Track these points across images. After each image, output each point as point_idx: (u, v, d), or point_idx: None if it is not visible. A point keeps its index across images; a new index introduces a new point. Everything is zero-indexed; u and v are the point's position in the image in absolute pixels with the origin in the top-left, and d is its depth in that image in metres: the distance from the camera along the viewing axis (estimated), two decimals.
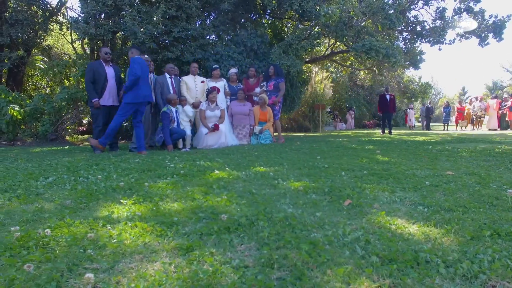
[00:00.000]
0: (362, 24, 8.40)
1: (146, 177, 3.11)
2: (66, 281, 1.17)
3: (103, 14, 8.65)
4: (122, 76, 6.90)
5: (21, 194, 2.44)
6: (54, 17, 10.08)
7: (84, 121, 12.12)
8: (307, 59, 11.25)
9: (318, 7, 8.40)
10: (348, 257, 1.31)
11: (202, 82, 6.94)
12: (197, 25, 8.98)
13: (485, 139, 7.10)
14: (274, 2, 8.84)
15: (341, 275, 1.16)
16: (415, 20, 9.58)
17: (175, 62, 8.19)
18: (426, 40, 9.46)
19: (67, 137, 9.66)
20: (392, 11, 7.91)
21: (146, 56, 6.43)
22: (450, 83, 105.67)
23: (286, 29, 11.06)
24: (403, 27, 8.84)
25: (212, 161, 4.08)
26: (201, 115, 6.53)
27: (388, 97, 10.48)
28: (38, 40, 9.82)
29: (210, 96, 6.54)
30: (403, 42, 10.36)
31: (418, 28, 9.59)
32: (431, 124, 15.82)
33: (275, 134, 7.63)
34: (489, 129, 12.65)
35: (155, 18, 8.36)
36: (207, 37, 9.20)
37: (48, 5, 9.94)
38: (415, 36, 9.76)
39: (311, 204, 2.08)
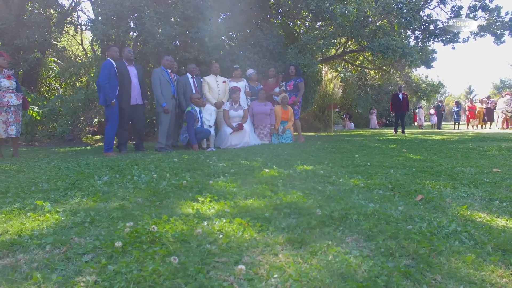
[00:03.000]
0: (378, 24, 8.47)
1: (198, 176, 3.17)
2: (207, 273, 1.24)
3: (116, 15, 8.67)
4: None
5: (91, 192, 2.50)
6: (69, 19, 10.11)
7: (94, 121, 12.16)
8: (318, 59, 11.32)
9: (332, 7, 8.46)
10: (461, 247, 1.38)
11: (224, 82, 7.00)
12: (213, 25, 9.04)
13: (503, 137, 7.18)
14: (289, 2, 8.91)
15: (469, 262, 1.23)
16: (428, 19, 9.68)
17: (192, 63, 8.24)
18: (439, 39, 9.56)
19: (83, 138, 9.71)
20: (405, 10, 7.98)
21: (169, 57, 6.50)
22: (456, 82, 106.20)
23: (298, 29, 11.12)
24: (415, 26, 8.91)
25: (250, 160, 4.14)
26: (224, 115, 6.59)
27: (401, 96, 10.58)
28: (53, 42, 9.86)
29: (234, 96, 6.60)
30: (415, 41, 10.46)
31: (431, 27, 9.68)
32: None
33: (294, 133, 7.69)
34: (499, 128, 12.77)
35: (172, 19, 8.42)
36: (223, 38, 9.26)
37: (63, 8, 9.98)
38: (427, 35, 9.85)
39: (385, 199, 2.15)
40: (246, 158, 4.32)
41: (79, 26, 10.48)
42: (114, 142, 6.01)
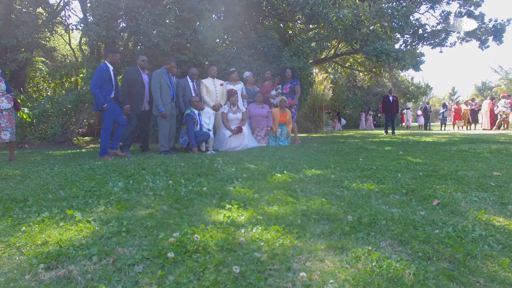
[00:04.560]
0: (371, 28, 8.69)
1: (211, 181, 3.21)
2: (265, 279, 1.30)
3: (110, 16, 8.54)
4: None
5: (113, 200, 2.51)
6: (58, 18, 9.90)
7: (84, 122, 11.93)
8: (311, 61, 11.48)
9: (325, 10, 8.61)
10: (492, 251, 1.50)
11: (221, 85, 7.03)
12: (209, 27, 9.04)
13: (490, 139, 7.49)
14: (284, 5, 9.01)
15: (505, 266, 1.34)
16: (416, 23, 10.00)
17: (187, 65, 8.23)
18: (428, 42, 9.91)
19: (73, 140, 9.53)
20: (398, 15, 8.22)
21: (173, 62, 6.49)
22: (440, 83, 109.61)
23: (290, 31, 11.25)
24: (407, 31, 9.20)
25: (257, 164, 4.21)
26: (223, 118, 6.63)
27: (391, 98, 10.89)
28: (42, 42, 9.63)
29: (232, 99, 6.65)
30: (404, 45, 10.79)
31: (420, 31, 10.02)
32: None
33: (291, 135, 7.80)
34: (483, 129, 13.28)
35: (167, 21, 8.38)
36: (217, 40, 9.27)
37: (52, 7, 9.76)
38: (416, 39, 10.19)
39: (404, 204, 2.26)
40: (251, 162, 4.38)
41: (69, 26, 10.25)
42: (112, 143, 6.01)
